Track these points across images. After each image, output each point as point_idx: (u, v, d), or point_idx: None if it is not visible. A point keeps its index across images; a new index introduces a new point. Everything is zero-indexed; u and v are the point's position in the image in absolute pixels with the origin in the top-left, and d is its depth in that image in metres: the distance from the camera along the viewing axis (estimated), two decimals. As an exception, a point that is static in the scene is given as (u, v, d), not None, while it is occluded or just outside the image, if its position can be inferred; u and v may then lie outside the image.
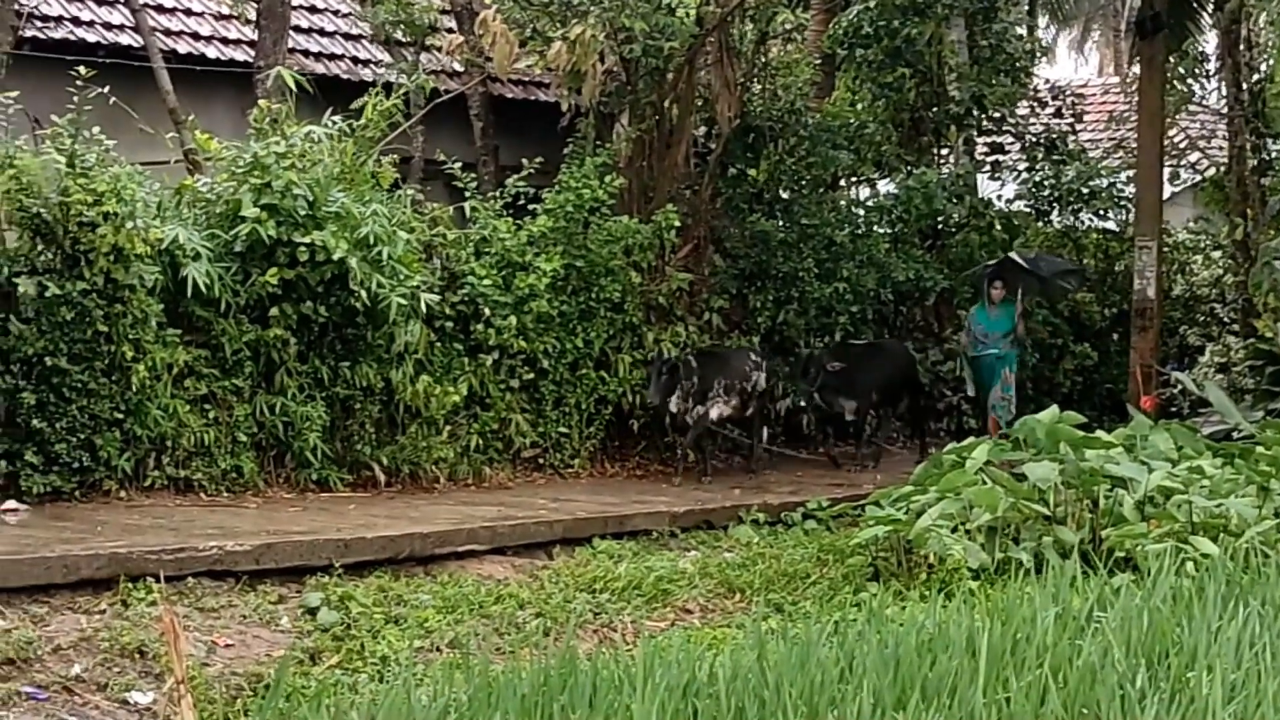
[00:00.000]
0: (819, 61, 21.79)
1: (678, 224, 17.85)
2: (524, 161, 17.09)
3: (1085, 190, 22.91)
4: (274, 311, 14.56)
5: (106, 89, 14.07)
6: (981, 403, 19.47)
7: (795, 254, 19.42)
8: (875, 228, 21.11)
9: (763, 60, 20.47)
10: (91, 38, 18.11)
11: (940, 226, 22.14)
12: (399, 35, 20.06)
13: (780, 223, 19.84)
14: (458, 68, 20.25)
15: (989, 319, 19.10)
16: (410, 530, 12.94)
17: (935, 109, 22.16)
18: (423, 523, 13.36)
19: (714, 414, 16.92)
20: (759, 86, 20.34)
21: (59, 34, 17.92)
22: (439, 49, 20.38)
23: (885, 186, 22.65)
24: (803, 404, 18.26)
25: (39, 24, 17.83)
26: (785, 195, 20.37)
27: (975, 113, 22.45)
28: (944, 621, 8.85)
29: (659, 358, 16.72)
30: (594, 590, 12.75)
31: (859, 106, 22.29)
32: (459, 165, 17.13)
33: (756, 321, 19.17)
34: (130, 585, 10.91)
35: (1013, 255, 19.65)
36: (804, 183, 20.33)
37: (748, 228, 19.46)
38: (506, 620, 11.86)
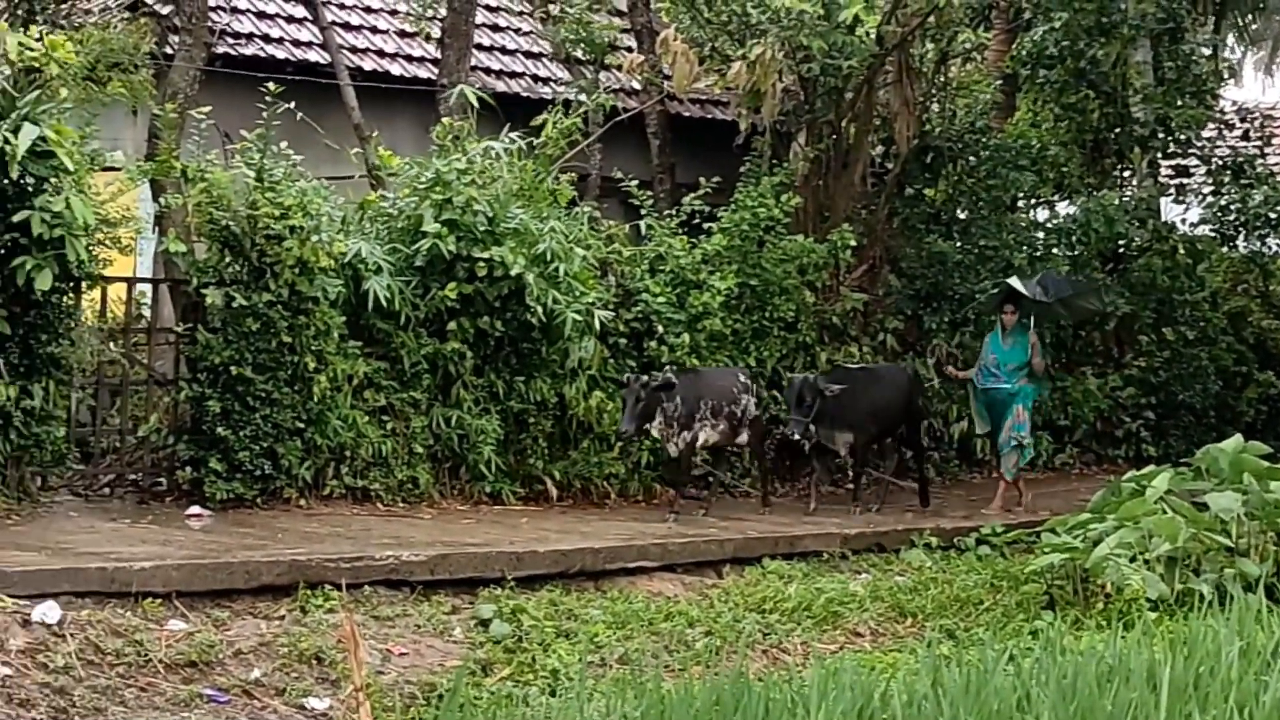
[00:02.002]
0: (1000, 81, 21.58)
1: (853, 243, 17.78)
2: (700, 180, 17.13)
3: (1273, 215, 22.42)
4: (452, 325, 14.75)
5: (294, 105, 14.34)
6: (993, 441, 17.34)
7: (972, 275, 19.25)
8: (1054, 250, 20.82)
9: (943, 80, 20.34)
10: (281, 54, 18.48)
11: (1122, 250, 21.78)
12: (579, 53, 20.21)
13: (957, 244, 19.69)
14: (636, 86, 20.35)
15: (1002, 349, 16.78)
16: (581, 545, 13.02)
17: (1119, 131, 21.81)
18: (594, 538, 13.43)
19: (701, 440, 15.22)
20: (938, 106, 20.22)
21: (249, 50, 18.30)
22: (618, 67, 20.50)
23: (1064, 209, 22.35)
24: (796, 436, 15.79)
25: (230, 41, 18.23)
26: (963, 216, 20.21)
27: (1160, 135, 22.06)
28: (1123, 653, 8.69)
29: (634, 379, 14.74)
30: (764, 610, 12.72)
31: (1041, 127, 22.02)
32: (636, 183, 17.23)
33: (931, 343, 19.01)
34: (309, 592, 11.10)
35: (1012, 282, 17.03)
36: (982, 204, 20.15)
37: (924, 248, 19.32)
38: (676, 638, 11.87)
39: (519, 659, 11.06)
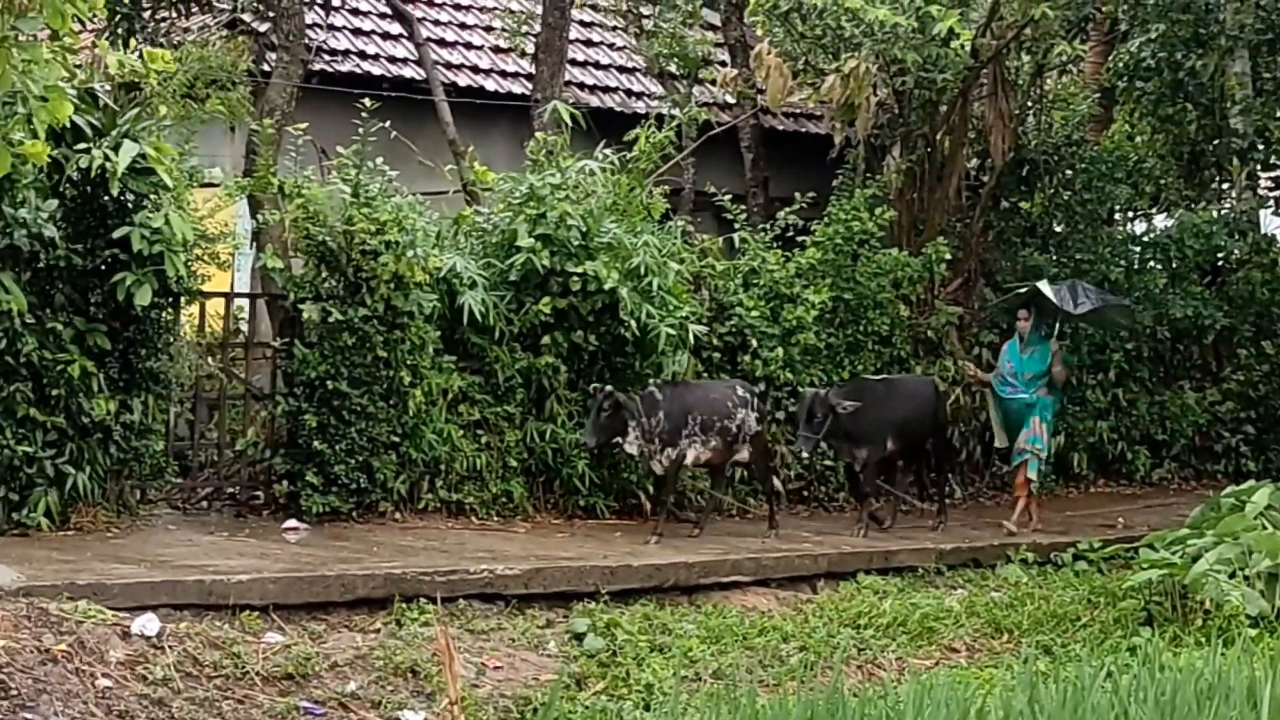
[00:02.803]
0: (1096, 94, 21.39)
1: (948, 257, 17.67)
2: (794, 194, 17.10)
3: (1376, 227, 22.09)
4: (546, 339, 14.79)
5: (390, 121, 14.44)
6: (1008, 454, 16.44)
7: (1068, 289, 19.06)
8: (1151, 264, 20.61)
9: (1038, 92, 20.20)
10: (376, 71, 18.63)
11: (1220, 263, 21.51)
12: (672, 68, 20.26)
13: (1053, 257, 19.52)
14: (730, 100, 20.35)
15: (1020, 357, 15.95)
16: (675, 560, 13.02)
17: (1217, 143, 21.55)
18: (687, 552, 13.42)
19: (690, 457, 14.30)
20: (1034, 119, 20.07)
21: (345, 67, 18.47)
22: (712, 82, 20.51)
23: (1161, 222, 22.11)
24: (805, 455, 15.30)
25: (327, 58, 18.41)
26: (1059, 229, 20.03)
27: (1259, 147, 21.76)
28: (1223, 670, 8.58)
29: (600, 389, 14.07)
30: (858, 625, 12.66)
31: (1137, 140, 21.81)
32: (729, 197, 17.22)
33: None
34: (404, 605, 11.18)
35: (1041, 285, 16.22)
36: (1078, 217, 19.95)
37: (1019, 261, 19.18)
38: (770, 653, 11.85)
39: (613, 673, 11.08)
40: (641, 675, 11.04)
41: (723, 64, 20.49)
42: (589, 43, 21.42)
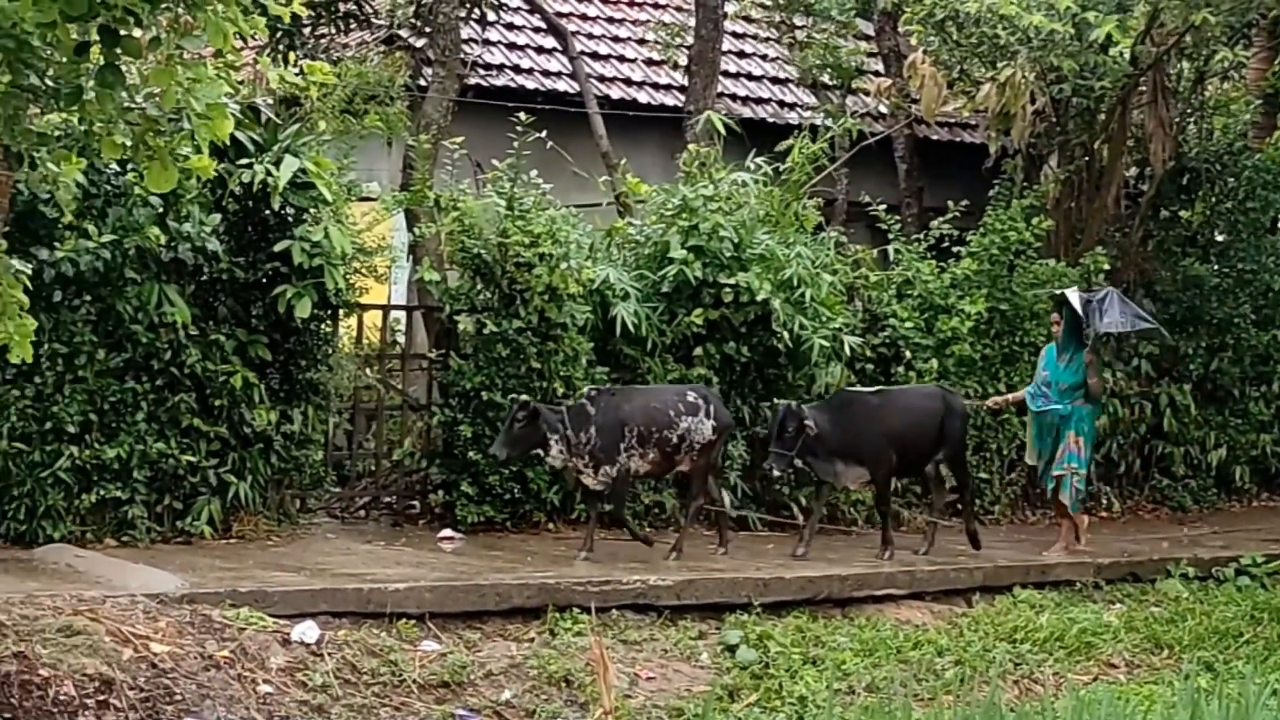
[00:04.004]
0: (1259, 100, 20.96)
1: (1107, 267, 17.40)
2: (949, 203, 16.97)
3: None
4: (698, 351, 14.81)
5: (544, 134, 14.55)
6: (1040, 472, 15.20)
7: (1230, 299, 18.73)
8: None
9: (1199, 99, 19.84)
10: (530, 85, 18.77)
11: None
12: (826, 79, 20.19)
13: (1214, 267, 19.15)
14: (884, 110, 20.24)
15: (1056, 366, 14.73)
16: (828, 572, 12.96)
17: (1385, 149, 21.02)
18: (840, 565, 13.35)
19: (632, 469, 13.19)
20: (1194, 126, 19.71)
21: (500, 81, 18.64)
22: (865, 91, 20.41)
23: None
24: (776, 473, 13.89)
25: (482, 72, 18.59)
26: (1220, 238, 19.64)
27: None
28: (1394, 690, 8.37)
29: (515, 400, 13.12)
30: (1014, 640, 12.51)
31: (1302, 147, 21.32)
32: (883, 207, 17.12)
33: (1188, 368, 18.53)
34: (558, 615, 11.24)
35: (1070, 294, 14.96)
36: (1241, 226, 19.55)
37: (1180, 271, 18.84)
38: (925, 666, 11.76)
39: (766, 685, 11.06)
40: (794, 687, 11.01)
41: (876, 74, 20.38)
42: (742, 54, 21.41)
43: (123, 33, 7.45)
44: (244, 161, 12.52)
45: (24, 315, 8.34)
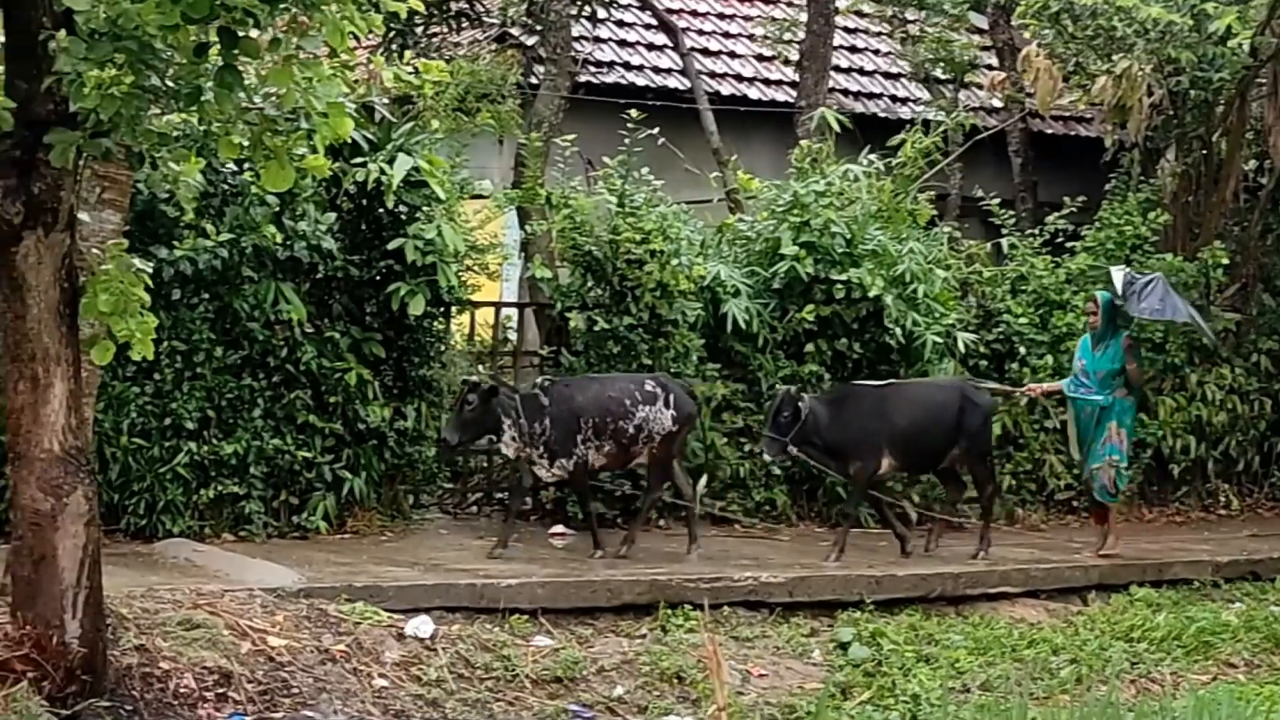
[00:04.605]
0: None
1: (1225, 261, 17.14)
2: (1064, 198, 16.78)
3: None
4: (809, 347, 14.76)
5: (655, 130, 14.55)
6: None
7: (1353, 295, 18.38)
8: None
9: (1321, 91, 19.46)
10: (641, 82, 18.80)
11: None
12: (938, 73, 20.06)
13: (1337, 261, 18.80)
14: (997, 104, 20.06)
15: (1092, 354, 13.92)
16: (941, 569, 12.89)
17: None
18: (953, 562, 13.27)
19: (590, 461, 12.71)
20: (1316, 118, 19.35)
21: (611, 79, 18.68)
22: (978, 85, 20.25)
23: None
24: (768, 457, 13.47)
25: (593, 69, 18.64)
26: (1343, 232, 19.28)
27: None
28: None
29: (465, 382, 12.59)
30: (1131, 639, 12.37)
31: None
32: (996, 202, 16.98)
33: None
34: (669, 611, 11.25)
35: (1114, 271, 14.38)
36: (1364, 219, 19.19)
37: (1301, 266, 18.53)
38: (1040, 665, 11.65)
39: (879, 683, 11.00)
40: (908, 685, 10.94)
41: (990, 67, 20.20)
42: (853, 49, 21.31)
43: (241, 34, 7.56)
44: (358, 160, 12.64)
45: (145, 313, 8.46)
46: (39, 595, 8.46)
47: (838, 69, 19.95)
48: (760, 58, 20.21)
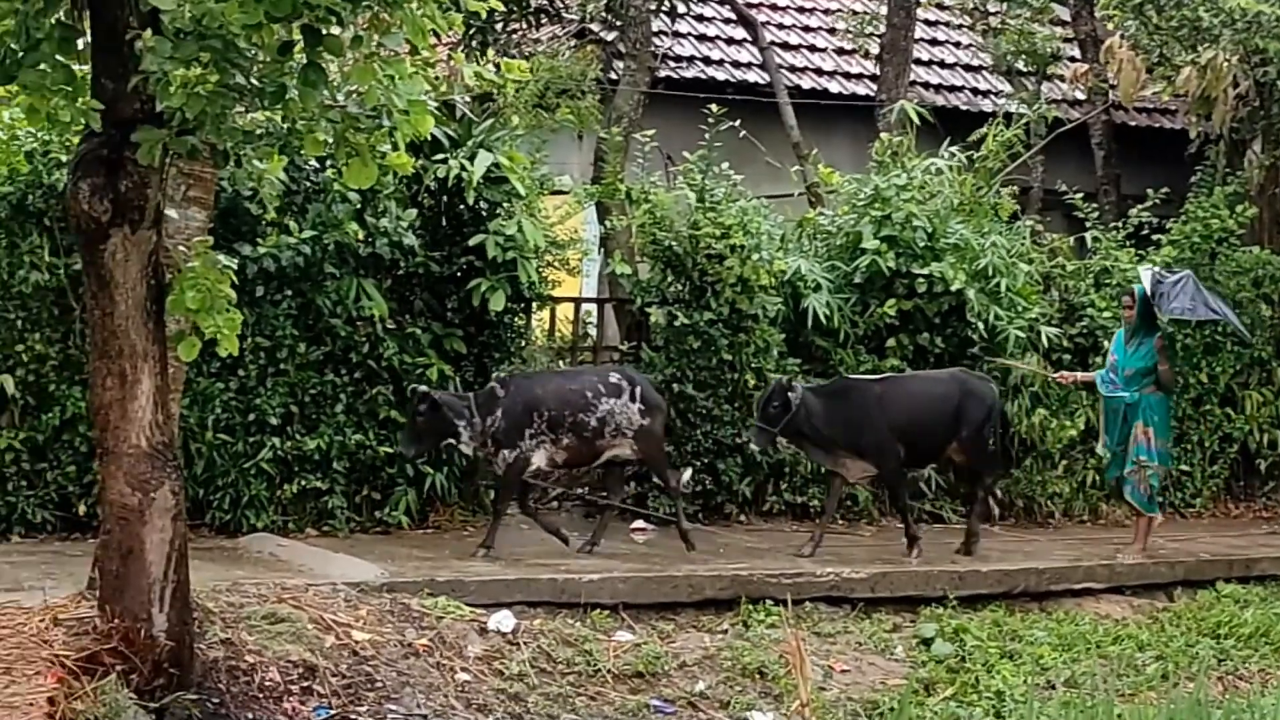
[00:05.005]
0: None
1: (1313, 255, 16.96)
2: (1148, 191, 16.63)
3: None
4: (891, 342, 14.71)
5: (735, 124, 14.52)
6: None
7: None
8: None
9: None
10: (721, 76, 18.79)
11: None
12: (1020, 65, 19.93)
13: None
14: (1080, 96, 19.92)
15: (1124, 350, 13.57)
16: (1025, 565, 12.81)
17: None
18: (1037, 558, 13.19)
19: (541, 459, 12.23)
20: None
21: (690, 73, 18.67)
22: (1061, 78, 20.10)
23: None
24: (755, 447, 13.20)
25: (672, 64, 18.64)
26: None
27: None
28: None
29: (414, 391, 12.23)
30: (1218, 635, 12.27)
31: None
32: (1079, 195, 16.84)
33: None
34: (750, 607, 11.23)
35: (1142, 271, 14.06)
36: None
37: (1389, 259, 18.26)
38: (1125, 661, 11.57)
39: (962, 679, 10.95)
40: (991, 682, 10.89)
41: (1073, 59, 20.06)
42: (934, 42, 21.21)
43: (325, 32, 7.59)
44: (439, 157, 12.70)
45: (230, 309, 8.53)
46: (127, 589, 8.54)
47: (919, 62, 19.86)
48: (840, 51, 20.16)
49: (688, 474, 13.32)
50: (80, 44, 8.07)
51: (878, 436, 12.80)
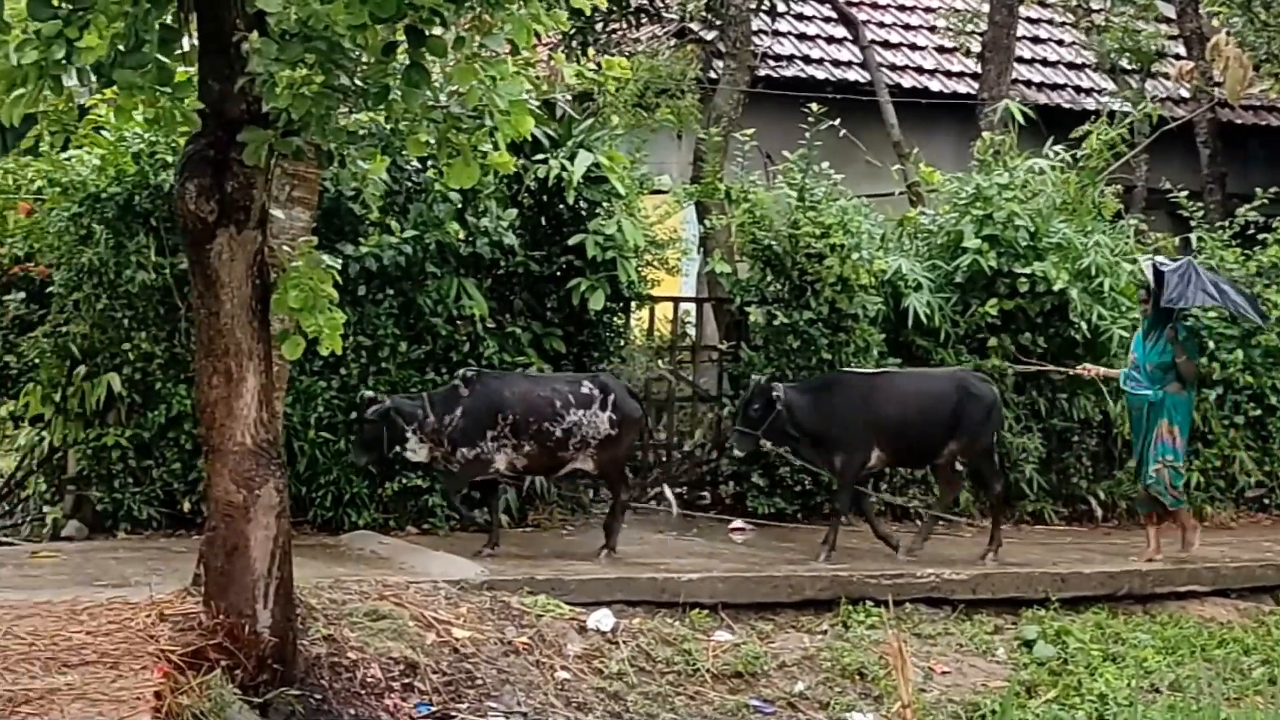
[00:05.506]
0: None
1: None
2: (1255, 190, 16.40)
3: None
4: (992, 342, 14.59)
5: (835, 123, 14.47)
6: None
7: None
8: None
9: None
10: (821, 75, 18.74)
11: None
12: (1124, 63, 19.73)
13: None
14: (1185, 94, 19.69)
15: (1143, 346, 13.00)
16: (1128, 567, 12.67)
17: None
18: (1141, 561, 13.02)
19: (500, 462, 11.73)
20: None
21: (790, 72, 18.63)
22: (1166, 75, 19.88)
23: None
24: (738, 451, 12.76)
25: (772, 63, 18.61)
26: None
27: None
28: None
29: (362, 398, 11.96)
30: (1326, 640, 12.07)
31: None
32: (1184, 194, 16.63)
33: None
34: (850, 607, 11.18)
35: (1142, 261, 13.61)
36: None
37: None
38: (1230, 665, 11.43)
39: (1064, 682, 10.86)
40: (1094, 685, 10.78)
41: (1178, 57, 19.86)
42: (1036, 39, 21.05)
43: (428, 33, 7.64)
44: (539, 157, 12.76)
45: (333, 309, 8.60)
46: (231, 585, 8.64)
47: (1021, 60, 19.72)
48: (942, 49, 20.05)
49: (669, 492, 13.56)
50: (184, 46, 8.17)
51: (849, 430, 12.27)
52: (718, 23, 17.06)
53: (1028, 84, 19.94)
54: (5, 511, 13.24)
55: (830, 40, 19.48)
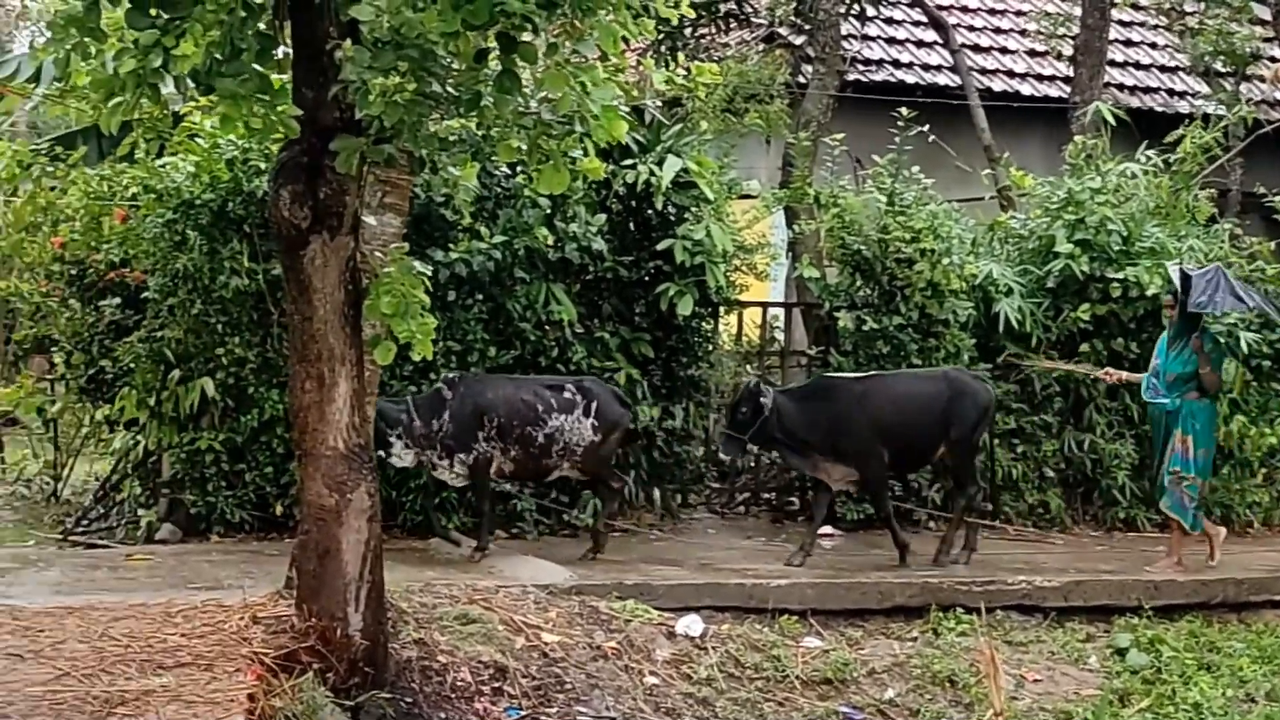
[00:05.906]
0: None
1: None
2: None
3: None
4: (1084, 347, 14.48)
5: (925, 128, 14.41)
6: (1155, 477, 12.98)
7: None
8: None
9: None
10: (910, 79, 18.66)
11: None
12: (1218, 65, 19.51)
13: None
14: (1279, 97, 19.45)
15: (1166, 353, 12.65)
16: (1223, 575, 12.51)
17: None
18: (1236, 568, 12.86)
19: (496, 464, 11.70)
20: None
21: (879, 76, 18.57)
22: (1261, 78, 19.64)
23: None
24: (725, 455, 12.54)
25: (860, 68, 18.55)
26: None
27: None
28: None
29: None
30: None
31: None
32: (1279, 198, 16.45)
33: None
34: (940, 614, 11.12)
35: (1169, 266, 13.17)
36: None
37: None
38: (1328, 676, 11.25)
39: (1158, 691, 10.74)
40: (1189, 694, 10.67)
41: (1273, 59, 19.61)
42: (1129, 43, 20.86)
43: (519, 39, 7.66)
44: (628, 162, 12.77)
45: (425, 314, 8.65)
46: (323, 588, 8.70)
47: (1113, 63, 19.54)
48: (1033, 53, 19.92)
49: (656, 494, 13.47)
50: (278, 54, 8.23)
51: (859, 439, 12.02)
52: (807, 27, 17.03)
53: (1120, 87, 19.76)
54: (101, 515, 13.40)
55: (920, 44, 19.40)
